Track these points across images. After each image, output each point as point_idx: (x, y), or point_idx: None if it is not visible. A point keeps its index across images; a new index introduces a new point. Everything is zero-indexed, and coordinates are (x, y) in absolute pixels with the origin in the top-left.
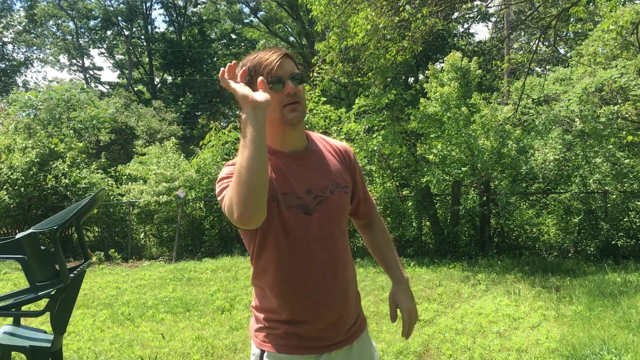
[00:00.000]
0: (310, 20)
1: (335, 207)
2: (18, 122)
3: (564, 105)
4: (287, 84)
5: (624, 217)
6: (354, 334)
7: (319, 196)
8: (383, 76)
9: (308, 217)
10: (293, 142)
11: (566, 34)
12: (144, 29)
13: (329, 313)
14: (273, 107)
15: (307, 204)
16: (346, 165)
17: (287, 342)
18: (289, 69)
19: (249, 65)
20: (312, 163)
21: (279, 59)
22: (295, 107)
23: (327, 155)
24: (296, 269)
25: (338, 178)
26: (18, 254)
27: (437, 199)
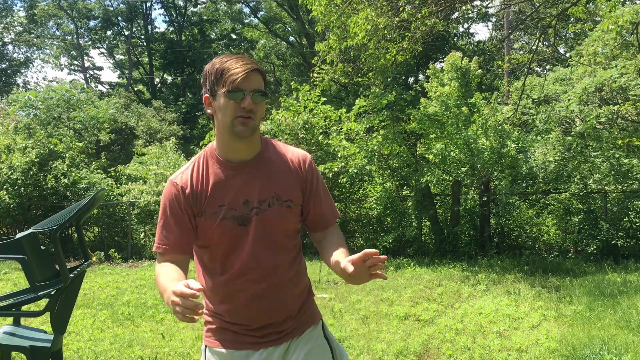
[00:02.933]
0: (310, 20)
1: (273, 219)
2: (18, 122)
3: (564, 106)
4: (246, 98)
5: (624, 217)
6: (294, 331)
7: (256, 207)
8: (383, 76)
9: (243, 227)
10: (241, 152)
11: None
12: (144, 29)
13: (258, 317)
14: (227, 113)
15: (242, 215)
16: (298, 178)
17: (223, 337)
18: (254, 84)
19: (218, 66)
20: (257, 174)
21: (246, 72)
22: (246, 122)
23: (279, 166)
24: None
25: (282, 191)
26: (18, 254)
27: (437, 199)
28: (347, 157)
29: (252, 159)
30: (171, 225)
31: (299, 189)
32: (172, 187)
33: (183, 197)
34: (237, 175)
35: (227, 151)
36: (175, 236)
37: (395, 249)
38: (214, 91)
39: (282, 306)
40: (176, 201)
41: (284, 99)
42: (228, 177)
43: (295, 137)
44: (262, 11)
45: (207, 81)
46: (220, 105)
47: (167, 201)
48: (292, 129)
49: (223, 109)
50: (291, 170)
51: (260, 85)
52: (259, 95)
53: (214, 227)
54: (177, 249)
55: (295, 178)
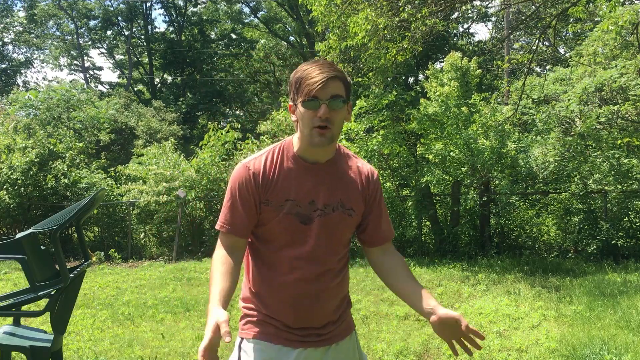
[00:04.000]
0: (310, 20)
1: (334, 223)
2: (18, 122)
3: (564, 106)
4: (321, 107)
5: (624, 217)
6: (333, 337)
7: (320, 210)
8: (383, 76)
9: (304, 226)
10: (316, 155)
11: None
12: (144, 29)
13: (301, 317)
14: (305, 124)
15: (306, 213)
16: (363, 190)
17: (263, 330)
18: (331, 91)
19: (298, 75)
20: (326, 178)
21: (322, 81)
22: (323, 132)
23: (348, 175)
24: (277, 271)
25: (346, 199)
26: (18, 254)
27: (437, 199)
28: None
29: (326, 163)
30: (238, 207)
31: (362, 200)
32: (245, 170)
33: (254, 181)
34: (309, 174)
35: (304, 152)
36: (241, 218)
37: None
38: (295, 100)
39: (325, 311)
40: (246, 184)
41: (284, 99)
42: (300, 174)
43: None
44: (262, 11)
45: (290, 90)
46: (300, 114)
47: (236, 183)
48: (292, 129)
49: (302, 117)
50: (358, 181)
51: (338, 91)
52: (338, 102)
53: (276, 219)
54: (240, 231)
55: (360, 189)
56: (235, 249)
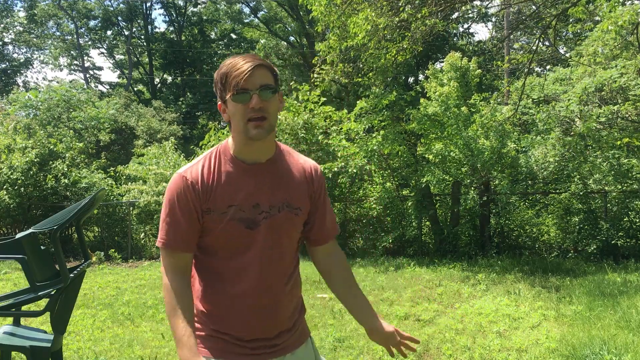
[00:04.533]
0: (310, 20)
1: (281, 225)
2: (18, 122)
3: (564, 106)
4: (252, 98)
5: (624, 217)
6: (288, 346)
7: (266, 212)
8: (383, 76)
9: (250, 231)
10: (255, 154)
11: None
12: (144, 29)
13: (254, 329)
14: (238, 119)
15: (251, 217)
16: (308, 187)
17: (212, 345)
18: (259, 81)
19: (222, 71)
20: (269, 178)
21: (250, 69)
22: (259, 124)
23: (291, 172)
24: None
25: (292, 198)
26: (18, 254)
27: (437, 199)
28: (347, 157)
29: (267, 162)
30: (179, 220)
31: (308, 198)
32: (181, 181)
33: (193, 191)
34: (250, 176)
35: (242, 152)
36: (184, 232)
37: (395, 249)
38: (223, 97)
39: (278, 319)
40: (185, 195)
41: (284, 99)
42: (240, 177)
43: (295, 136)
44: (262, 11)
45: (217, 89)
46: (231, 110)
47: (174, 195)
48: (292, 129)
49: (233, 114)
50: (302, 178)
51: (267, 80)
52: (267, 92)
53: (220, 227)
54: (186, 245)
55: (305, 186)
56: (183, 268)
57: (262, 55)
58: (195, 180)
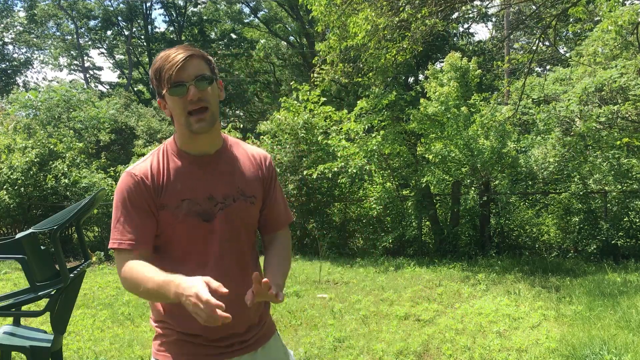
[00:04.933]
0: (310, 20)
1: (237, 214)
2: (18, 122)
3: (563, 106)
4: (189, 90)
5: (624, 217)
6: (258, 340)
7: (221, 203)
8: (383, 76)
9: (207, 223)
10: (202, 146)
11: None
12: (144, 29)
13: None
14: (178, 113)
15: (207, 210)
16: (260, 175)
17: (181, 350)
18: (194, 71)
19: (156, 65)
20: (220, 168)
21: (182, 61)
22: (201, 117)
23: (241, 161)
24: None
25: (246, 187)
26: (18, 254)
27: (437, 199)
28: (347, 157)
29: (215, 154)
30: (133, 218)
31: (261, 186)
32: (130, 178)
33: (144, 187)
34: (200, 169)
35: (188, 145)
36: (141, 229)
37: (395, 249)
38: (160, 93)
39: (244, 314)
40: (136, 192)
41: (285, 99)
42: (190, 170)
43: (295, 136)
44: (262, 11)
45: (153, 85)
46: (170, 105)
47: (125, 193)
48: (292, 129)
49: (174, 108)
50: (253, 167)
51: (201, 70)
52: (204, 83)
53: (176, 222)
54: (145, 243)
55: (257, 175)
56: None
57: (262, 55)
58: (145, 176)
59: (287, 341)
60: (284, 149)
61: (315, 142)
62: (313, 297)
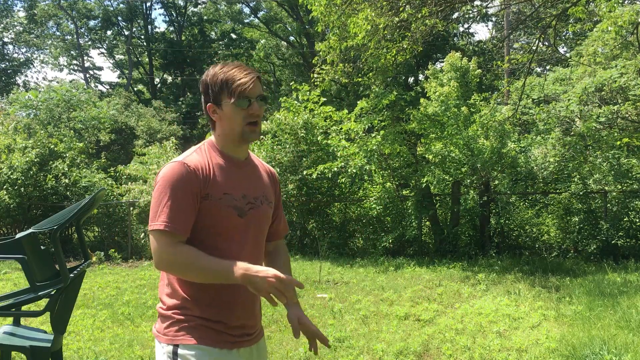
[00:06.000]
0: (311, 20)
1: (262, 215)
2: (18, 122)
3: (564, 106)
4: (254, 104)
5: (624, 217)
6: (256, 337)
7: (251, 203)
8: (383, 76)
9: (240, 219)
10: (240, 153)
11: (566, 34)
12: (144, 29)
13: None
14: (237, 122)
15: (241, 206)
16: (273, 186)
17: (203, 334)
18: (258, 91)
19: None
20: (250, 173)
21: (254, 80)
22: (255, 129)
23: (262, 171)
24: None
25: (267, 192)
26: (18, 254)
27: (437, 199)
28: (347, 157)
29: (246, 160)
30: (181, 205)
31: (274, 197)
32: (183, 167)
33: (195, 177)
34: (237, 170)
35: (230, 149)
36: (187, 216)
37: (395, 249)
38: (218, 100)
39: (256, 308)
40: (188, 180)
41: (285, 99)
42: (230, 169)
43: (295, 136)
44: (262, 11)
45: (209, 90)
46: (228, 113)
47: (177, 181)
48: (292, 129)
49: (232, 116)
50: (269, 178)
51: (262, 91)
52: (263, 101)
53: (216, 212)
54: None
55: (271, 185)
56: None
57: (262, 55)
58: (195, 166)
59: (286, 341)
60: (284, 149)
61: (315, 142)
62: (313, 297)
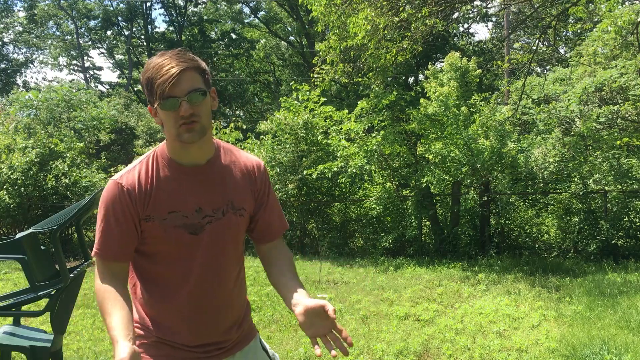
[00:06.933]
0: (310, 20)
1: (225, 228)
2: (18, 122)
3: (564, 106)
4: (181, 105)
5: (624, 217)
6: (235, 346)
7: (210, 216)
8: (383, 76)
9: (194, 236)
10: (193, 156)
11: (566, 34)
12: (144, 29)
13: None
14: (169, 125)
15: (194, 223)
16: (251, 186)
17: (159, 352)
18: (187, 86)
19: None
20: (210, 179)
21: (175, 76)
22: (191, 127)
23: (232, 172)
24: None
25: (235, 198)
26: (18, 254)
27: (437, 199)
28: (347, 157)
29: (206, 164)
30: (112, 230)
31: (252, 197)
32: (116, 188)
33: (129, 198)
34: (190, 180)
35: (179, 155)
36: (118, 242)
37: (395, 249)
38: (152, 102)
39: (223, 323)
40: (120, 204)
41: (285, 99)
42: (180, 181)
43: (295, 136)
44: (262, 11)
45: (144, 91)
46: (162, 116)
47: (109, 203)
48: (292, 129)
49: (165, 120)
50: (245, 177)
51: (195, 83)
52: (197, 94)
53: (161, 234)
54: (119, 255)
55: (248, 185)
56: (117, 275)
57: (262, 55)
58: (131, 186)
59: (286, 341)
60: (284, 149)
61: (315, 142)
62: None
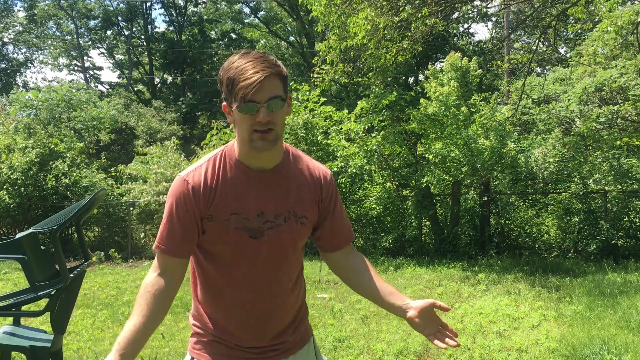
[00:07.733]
0: (310, 20)
1: (286, 235)
2: (18, 122)
3: (564, 106)
4: (260, 112)
5: (624, 217)
6: (291, 348)
7: (271, 221)
8: (383, 76)
9: (254, 240)
10: (262, 161)
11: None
12: (144, 29)
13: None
14: (244, 128)
15: (255, 227)
16: (316, 195)
17: (215, 350)
18: (268, 93)
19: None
20: (275, 185)
21: (259, 81)
22: (265, 136)
23: (299, 179)
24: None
25: (298, 206)
26: (18, 254)
27: (437, 199)
28: (346, 157)
29: (273, 169)
30: (175, 226)
31: (316, 206)
32: (182, 186)
33: (193, 196)
34: (255, 184)
35: (248, 159)
36: (178, 238)
37: (395, 249)
38: (229, 102)
39: (278, 327)
40: (184, 201)
41: None
42: (245, 184)
43: (295, 136)
44: (262, 11)
45: (222, 88)
46: (237, 117)
47: (174, 200)
48: (292, 129)
49: (239, 122)
50: (310, 185)
51: (276, 90)
52: (277, 101)
53: (223, 235)
54: (178, 252)
55: (313, 193)
56: (172, 270)
57: None
58: (197, 185)
59: None
60: None
61: (315, 142)
62: (313, 297)
